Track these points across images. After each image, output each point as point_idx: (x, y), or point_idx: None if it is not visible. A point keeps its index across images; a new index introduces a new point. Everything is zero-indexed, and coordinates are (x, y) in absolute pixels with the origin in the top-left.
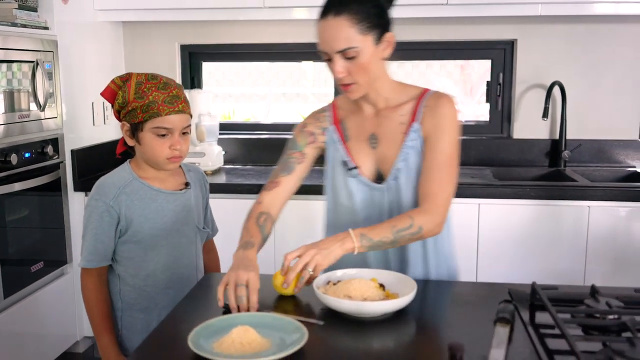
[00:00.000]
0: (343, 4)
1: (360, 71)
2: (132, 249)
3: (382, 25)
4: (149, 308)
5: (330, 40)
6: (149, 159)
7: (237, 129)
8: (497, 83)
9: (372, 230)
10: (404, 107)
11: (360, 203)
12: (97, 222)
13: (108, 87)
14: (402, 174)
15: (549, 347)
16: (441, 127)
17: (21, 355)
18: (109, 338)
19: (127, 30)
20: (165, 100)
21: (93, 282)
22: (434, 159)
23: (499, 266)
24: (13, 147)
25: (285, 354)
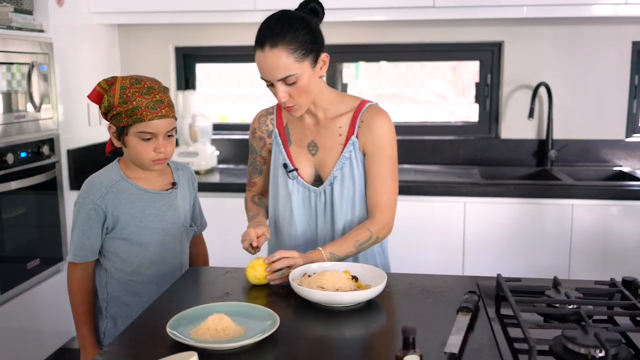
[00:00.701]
0: (278, 35)
1: (301, 94)
2: (119, 245)
3: (317, 48)
4: (134, 301)
5: (270, 70)
6: (135, 161)
7: (231, 129)
8: (485, 84)
9: (339, 247)
10: (341, 118)
11: (297, 202)
12: (84, 219)
13: (94, 90)
14: (337, 181)
15: (510, 335)
16: (379, 144)
17: (18, 351)
18: (88, 329)
19: (122, 32)
20: (149, 105)
21: (78, 275)
22: (377, 172)
23: (485, 263)
24: (10, 146)
25: (258, 338)
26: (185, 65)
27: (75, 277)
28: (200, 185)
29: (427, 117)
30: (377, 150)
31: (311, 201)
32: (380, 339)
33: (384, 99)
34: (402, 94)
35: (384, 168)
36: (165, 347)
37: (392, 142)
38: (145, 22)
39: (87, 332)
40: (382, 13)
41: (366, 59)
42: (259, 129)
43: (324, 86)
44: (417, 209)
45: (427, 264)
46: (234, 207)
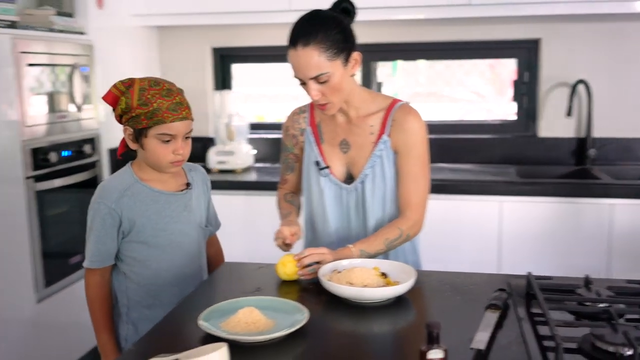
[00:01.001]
0: (310, 34)
1: (333, 92)
2: (137, 249)
3: (348, 47)
4: (155, 304)
5: (302, 69)
6: (152, 163)
7: (267, 128)
8: (523, 82)
9: (370, 245)
10: (373, 117)
11: (329, 200)
12: (99, 225)
13: (110, 92)
14: (368, 179)
15: (539, 333)
16: (410, 142)
17: (61, 343)
18: (107, 335)
19: (161, 34)
20: (170, 107)
21: (96, 281)
22: (409, 171)
23: (521, 263)
24: (53, 145)
25: (287, 332)
26: (222, 66)
27: (92, 283)
28: (237, 183)
29: (464, 116)
30: (408, 149)
31: (343, 199)
32: (408, 335)
33: (420, 98)
34: (439, 93)
35: (415, 167)
36: (197, 338)
37: (423, 141)
38: (184, 23)
39: (107, 338)
40: (419, 11)
41: (403, 57)
42: (291, 127)
43: (355, 85)
44: (452, 208)
45: (462, 263)
46: (270, 205)
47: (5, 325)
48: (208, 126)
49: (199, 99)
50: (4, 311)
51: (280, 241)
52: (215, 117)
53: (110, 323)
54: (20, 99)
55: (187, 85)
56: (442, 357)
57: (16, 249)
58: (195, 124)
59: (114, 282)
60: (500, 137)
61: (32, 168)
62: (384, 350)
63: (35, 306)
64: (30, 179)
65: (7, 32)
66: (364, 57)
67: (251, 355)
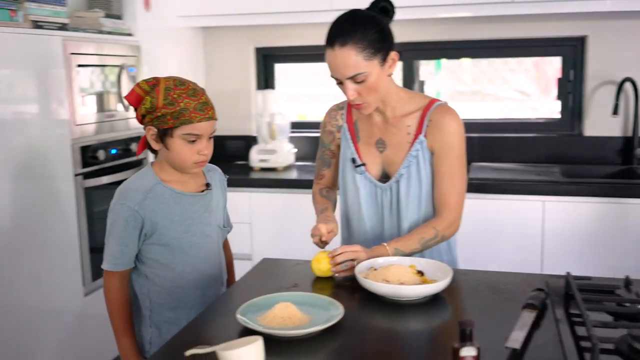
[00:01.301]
0: (347, 34)
1: (369, 92)
2: (159, 251)
3: (386, 47)
4: (178, 307)
5: (339, 68)
6: (175, 163)
7: (308, 127)
8: (568, 80)
9: (404, 243)
10: (410, 117)
11: (364, 197)
12: (122, 227)
13: (133, 92)
14: (403, 179)
15: (576, 334)
16: (447, 143)
17: (105, 335)
18: (129, 340)
19: (206, 34)
20: (197, 107)
21: (117, 284)
22: (446, 171)
23: (564, 264)
24: (101, 144)
25: (322, 327)
26: (264, 65)
27: (113, 286)
28: (277, 181)
29: (508, 114)
30: (445, 150)
31: (378, 197)
32: (443, 333)
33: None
34: (484, 91)
35: (453, 167)
36: (234, 332)
37: (460, 142)
38: (228, 24)
39: (129, 342)
40: (464, 9)
41: (447, 55)
42: (329, 123)
43: (392, 84)
44: (494, 207)
45: (503, 264)
46: (310, 203)
47: (55, 317)
48: (251, 125)
49: (242, 99)
50: (54, 303)
51: (317, 238)
52: (258, 116)
53: (131, 327)
54: (70, 99)
55: (231, 85)
56: (475, 354)
57: (66, 243)
58: (237, 123)
59: (135, 284)
60: (544, 136)
61: (81, 165)
62: (418, 347)
63: (83, 299)
64: (79, 176)
65: (58, 34)
66: (407, 56)
67: (286, 350)
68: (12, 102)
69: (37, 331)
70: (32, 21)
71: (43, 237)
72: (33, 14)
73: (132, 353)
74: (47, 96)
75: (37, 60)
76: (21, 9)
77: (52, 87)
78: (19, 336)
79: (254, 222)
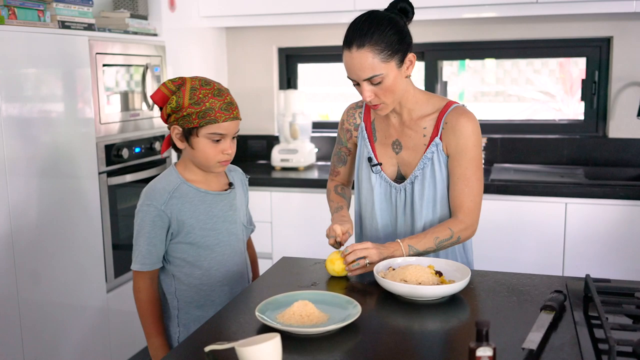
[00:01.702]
0: (365, 36)
1: (386, 93)
2: (186, 250)
3: (403, 48)
4: (206, 305)
5: (356, 70)
6: (200, 162)
7: (329, 127)
8: (592, 81)
9: (419, 241)
10: (426, 119)
11: (379, 197)
12: (149, 227)
13: (159, 91)
14: (417, 181)
15: (594, 336)
16: (462, 145)
17: (128, 331)
18: (160, 340)
19: (229, 34)
20: (222, 107)
21: (146, 284)
22: (461, 174)
23: (586, 267)
24: (126, 142)
25: (340, 325)
26: (287, 65)
27: (143, 286)
28: (298, 181)
29: (532, 115)
30: (460, 152)
31: (392, 197)
32: (461, 333)
33: (488, 97)
34: (507, 92)
35: (468, 170)
36: (253, 329)
37: (476, 144)
38: (251, 24)
39: (160, 343)
40: (487, 10)
41: (470, 56)
42: (347, 120)
43: (410, 86)
44: (516, 208)
45: (524, 265)
46: None
47: (78, 313)
48: (273, 125)
49: (265, 98)
50: (77, 299)
51: (332, 240)
52: (280, 115)
53: (162, 327)
54: (96, 98)
55: (253, 85)
56: (491, 355)
57: (90, 240)
58: (260, 122)
59: (163, 284)
60: (568, 138)
61: (106, 164)
62: (435, 347)
63: (105, 295)
64: (104, 174)
65: (84, 34)
66: (430, 56)
67: (304, 347)
68: (39, 100)
69: (61, 326)
70: (60, 21)
71: (68, 234)
72: (60, 14)
73: (163, 353)
74: (73, 95)
75: (64, 59)
76: (49, 10)
77: (78, 87)
78: (44, 331)
79: (274, 221)
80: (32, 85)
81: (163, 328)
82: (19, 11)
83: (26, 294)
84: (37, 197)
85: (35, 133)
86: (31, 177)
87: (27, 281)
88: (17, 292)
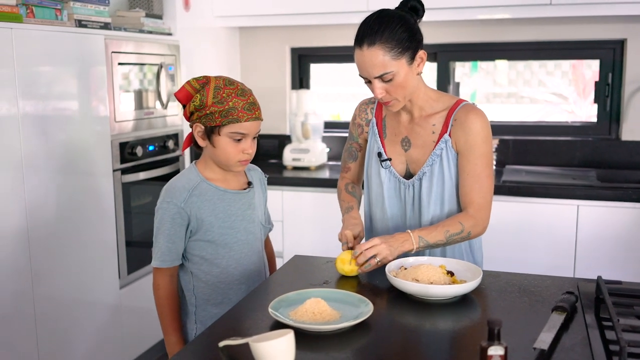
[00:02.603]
0: (376, 34)
1: (397, 90)
2: (204, 248)
3: (414, 46)
4: (223, 303)
5: (367, 68)
6: (220, 161)
7: (341, 127)
8: (606, 83)
9: (429, 233)
10: (436, 116)
11: (388, 192)
12: (169, 224)
13: (183, 89)
14: (425, 177)
15: (606, 337)
16: (471, 141)
17: (141, 327)
18: (177, 337)
19: (243, 34)
20: (245, 107)
21: (166, 281)
22: (471, 170)
23: (598, 269)
24: (139, 140)
25: (352, 323)
26: (299, 65)
27: (162, 283)
28: (310, 180)
29: (544, 117)
30: (469, 148)
31: (401, 193)
32: (472, 333)
33: (500, 99)
34: (519, 94)
35: (478, 166)
36: (266, 325)
37: (485, 140)
38: (264, 24)
39: (177, 339)
40: (501, 11)
41: (482, 57)
42: (358, 116)
43: (421, 84)
44: (527, 210)
45: (536, 267)
46: None
47: (91, 308)
48: (285, 124)
49: (277, 98)
50: (91, 295)
51: (345, 246)
52: (292, 115)
53: (179, 324)
54: (110, 96)
55: (266, 84)
56: (502, 354)
57: (103, 237)
58: (272, 122)
59: (181, 281)
60: (580, 140)
61: (120, 161)
62: (446, 346)
63: (118, 292)
64: (118, 172)
65: (100, 32)
66: (443, 57)
67: (316, 344)
68: (55, 98)
69: (74, 321)
70: (76, 20)
71: (82, 230)
72: (77, 13)
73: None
74: (88, 93)
75: (80, 58)
76: (66, 8)
77: (94, 85)
78: (58, 326)
79: (286, 220)
80: (49, 83)
81: (180, 325)
82: (37, 10)
83: (41, 289)
84: (53, 193)
85: (52, 130)
86: (47, 173)
87: (42, 276)
88: (32, 287)
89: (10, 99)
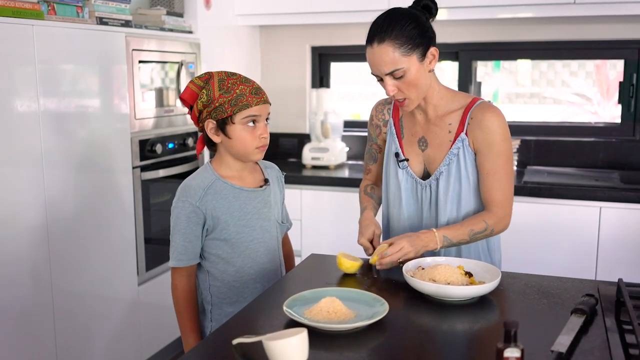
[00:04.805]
0: (385, 31)
1: (409, 87)
2: (220, 246)
3: (424, 42)
4: (238, 302)
5: (378, 65)
6: (238, 152)
7: (361, 126)
8: (630, 84)
9: (454, 232)
10: (452, 115)
11: (405, 192)
12: (185, 223)
13: (188, 89)
14: (442, 177)
15: (626, 341)
16: (489, 140)
17: (159, 324)
18: (194, 337)
19: (263, 33)
20: (252, 92)
21: (183, 281)
22: (490, 169)
23: (620, 272)
24: (159, 138)
25: (367, 323)
26: (320, 64)
27: (180, 282)
28: (329, 179)
29: (567, 118)
30: (488, 147)
31: (418, 193)
32: (489, 334)
33: (522, 99)
34: (542, 94)
35: (497, 164)
36: (280, 323)
37: (504, 138)
38: (284, 23)
39: (194, 340)
40: (523, 10)
41: (505, 57)
42: (376, 116)
43: (435, 82)
44: (549, 212)
45: (556, 268)
46: None
47: (110, 304)
48: (304, 123)
49: (297, 97)
50: (109, 291)
51: (368, 252)
52: (312, 114)
53: (197, 324)
54: (131, 94)
55: (286, 83)
56: (519, 356)
57: (123, 234)
58: (292, 120)
59: (197, 279)
60: (604, 141)
61: (139, 158)
62: (462, 346)
63: (137, 288)
64: (137, 169)
65: (121, 30)
66: (465, 56)
67: (330, 343)
68: (75, 95)
69: (93, 317)
70: (97, 17)
71: (101, 227)
72: (98, 11)
73: None
74: (109, 91)
75: (101, 55)
76: (87, 6)
77: (114, 82)
78: (76, 321)
79: (304, 218)
80: (70, 80)
81: (198, 325)
82: (59, 7)
83: (60, 284)
84: (73, 190)
85: (72, 127)
86: (67, 170)
87: (61, 272)
88: (51, 282)
89: (31, 96)
